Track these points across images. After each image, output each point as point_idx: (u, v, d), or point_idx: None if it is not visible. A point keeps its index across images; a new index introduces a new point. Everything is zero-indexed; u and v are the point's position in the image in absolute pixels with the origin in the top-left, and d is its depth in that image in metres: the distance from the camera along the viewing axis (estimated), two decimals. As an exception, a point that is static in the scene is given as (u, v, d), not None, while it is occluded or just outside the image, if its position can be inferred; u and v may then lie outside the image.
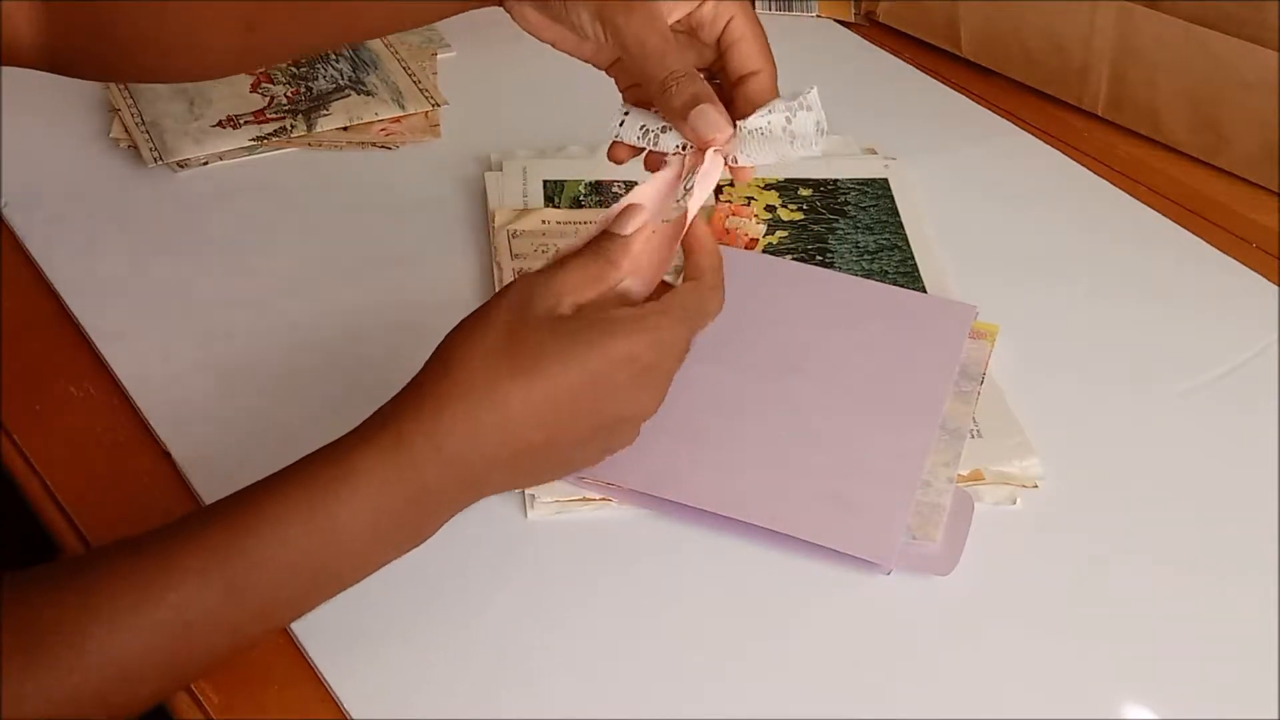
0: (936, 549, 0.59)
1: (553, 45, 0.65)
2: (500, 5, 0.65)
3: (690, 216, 0.57)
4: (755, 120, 0.58)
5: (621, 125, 0.61)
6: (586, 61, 0.65)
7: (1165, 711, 0.55)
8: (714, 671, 0.55)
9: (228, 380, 0.68)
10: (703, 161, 0.58)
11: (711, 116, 0.57)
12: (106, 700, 0.48)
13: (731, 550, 0.60)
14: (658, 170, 0.60)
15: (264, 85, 0.87)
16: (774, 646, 0.56)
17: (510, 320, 0.53)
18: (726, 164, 0.59)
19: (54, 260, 0.75)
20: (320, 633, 0.56)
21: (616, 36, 0.59)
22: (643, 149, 0.61)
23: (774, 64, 0.62)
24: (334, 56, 0.91)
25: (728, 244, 0.76)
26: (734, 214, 0.78)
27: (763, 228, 0.78)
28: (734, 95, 0.61)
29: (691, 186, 0.57)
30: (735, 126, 0.58)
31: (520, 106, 0.90)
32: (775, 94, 0.61)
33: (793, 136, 0.59)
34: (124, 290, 0.73)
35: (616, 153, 0.63)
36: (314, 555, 0.50)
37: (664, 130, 0.59)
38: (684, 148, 0.59)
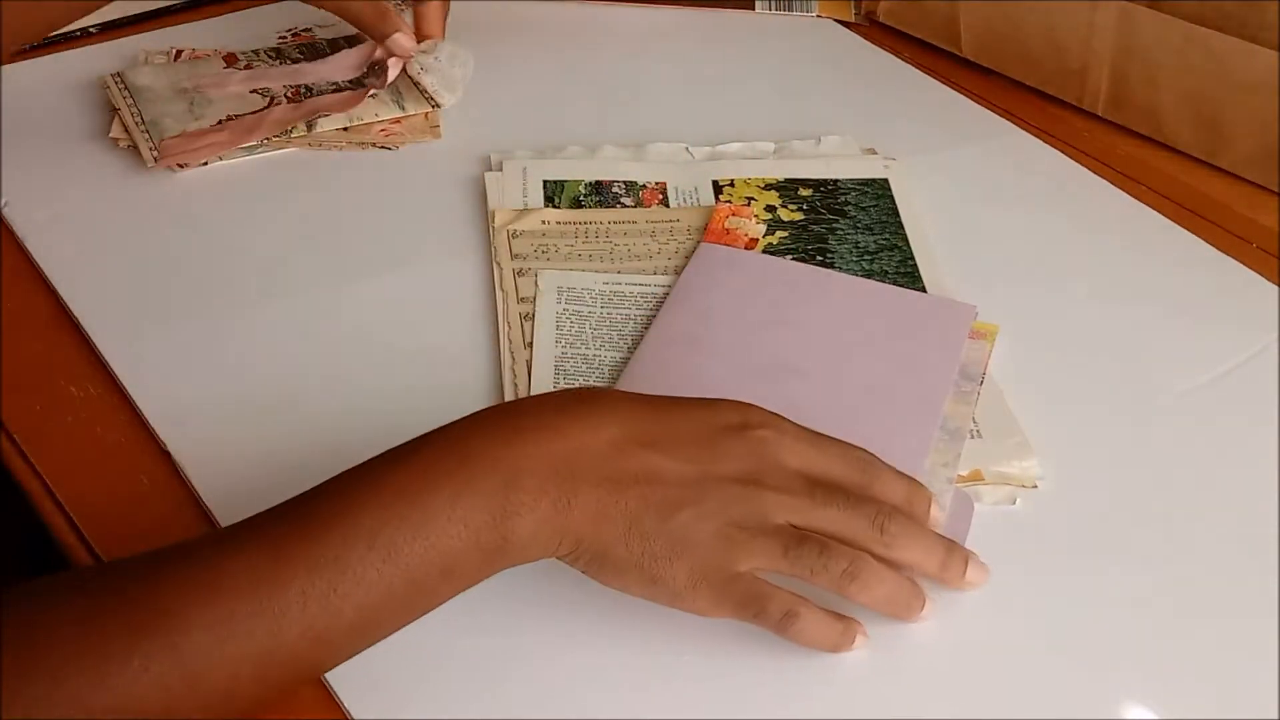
0: None
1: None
2: None
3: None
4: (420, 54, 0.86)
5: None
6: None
7: (1165, 711, 0.55)
8: (716, 671, 0.55)
9: (228, 380, 0.68)
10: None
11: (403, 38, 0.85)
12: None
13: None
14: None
15: (264, 86, 0.88)
16: (774, 645, 0.56)
17: None
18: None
19: (54, 260, 0.75)
20: (320, 633, 0.56)
21: None
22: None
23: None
24: (333, 51, 0.91)
25: (728, 244, 0.76)
26: (734, 214, 0.78)
27: (762, 228, 0.78)
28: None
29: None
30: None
31: (520, 107, 0.90)
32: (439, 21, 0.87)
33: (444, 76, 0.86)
34: (124, 290, 0.73)
35: None
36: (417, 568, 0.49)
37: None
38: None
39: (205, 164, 0.81)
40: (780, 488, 0.53)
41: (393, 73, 0.87)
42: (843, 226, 0.78)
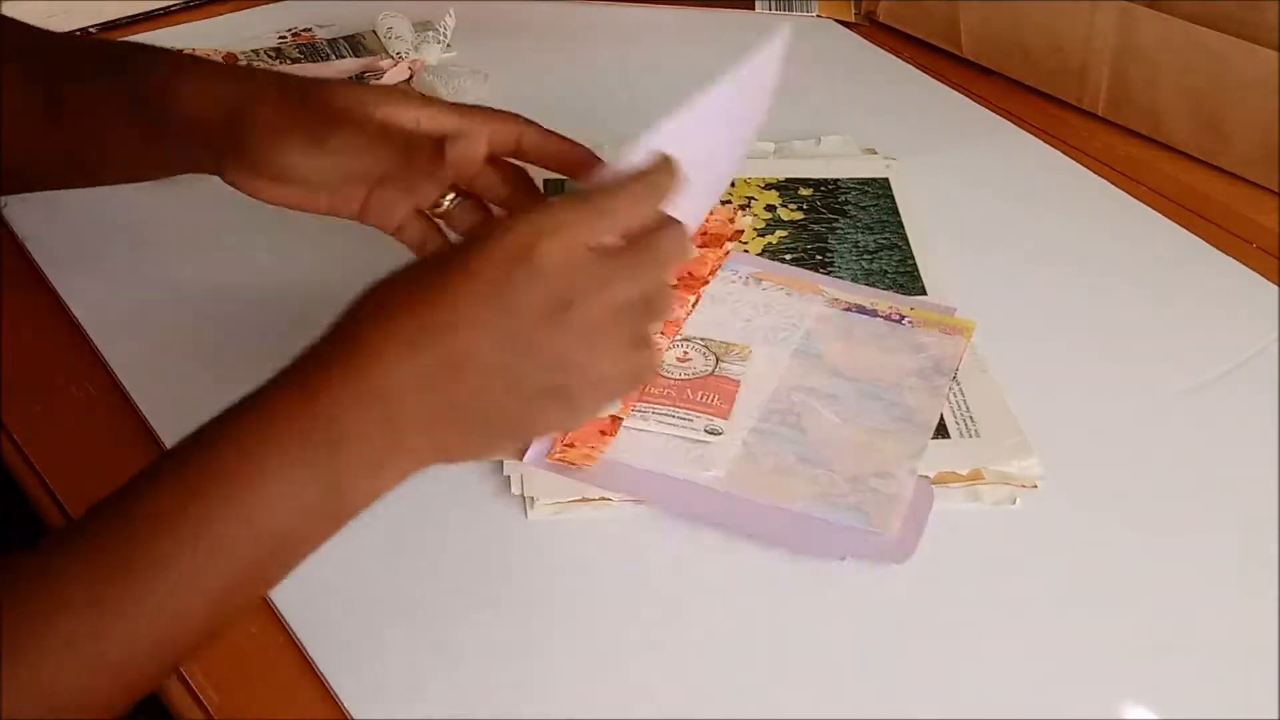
0: (893, 538, 0.59)
1: (294, 205, 0.65)
2: (219, 174, 0.65)
3: None
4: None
5: None
6: (332, 211, 0.66)
7: (1165, 711, 0.55)
8: (715, 670, 0.55)
9: (228, 380, 0.67)
10: None
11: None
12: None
13: (733, 549, 0.60)
14: None
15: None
16: (775, 645, 0.56)
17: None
18: None
19: (54, 260, 0.75)
20: (320, 633, 0.56)
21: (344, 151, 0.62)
22: None
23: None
24: (334, 56, 0.91)
25: (708, 245, 0.75)
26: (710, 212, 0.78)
27: (749, 219, 0.78)
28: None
29: None
30: None
31: (520, 107, 0.89)
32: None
33: None
34: (124, 290, 0.73)
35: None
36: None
37: None
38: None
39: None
40: (592, 288, 0.51)
41: (390, 78, 0.87)
42: (842, 226, 0.78)
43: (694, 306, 0.71)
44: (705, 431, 0.63)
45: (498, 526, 0.60)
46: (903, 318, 0.70)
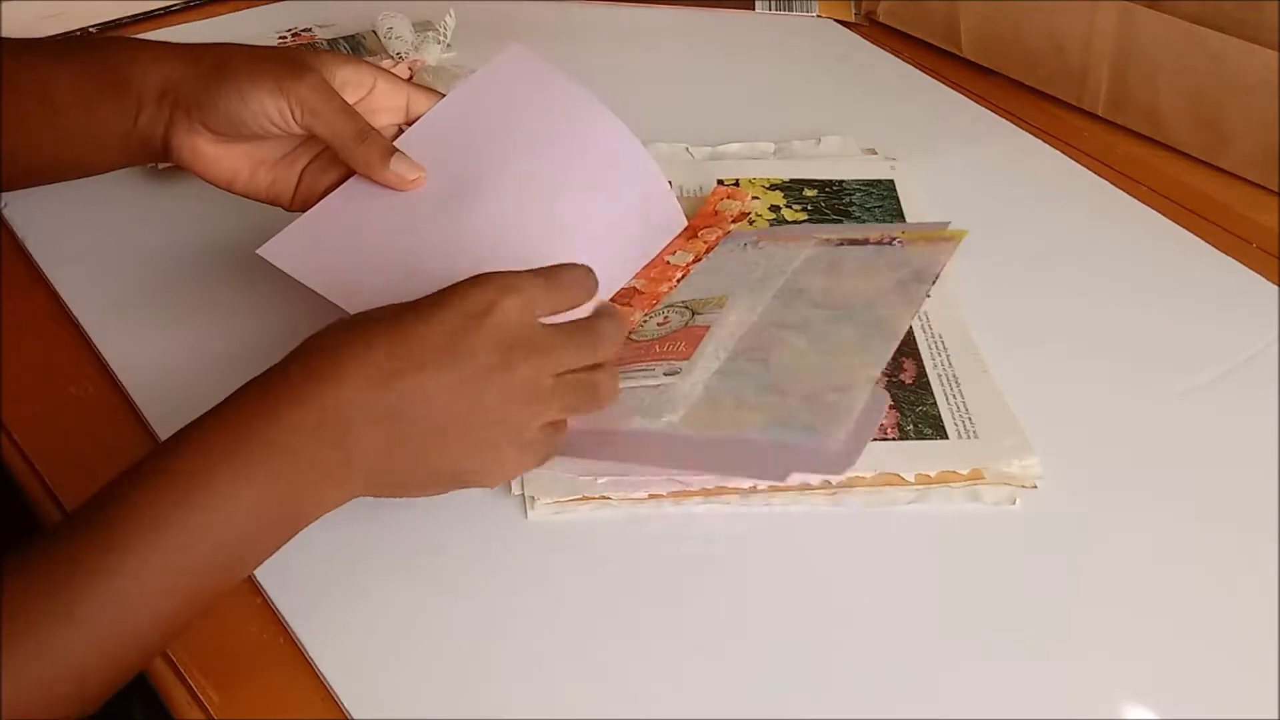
0: (835, 449, 0.58)
1: (225, 185, 0.69)
2: (165, 157, 0.69)
3: None
4: None
5: None
6: (256, 196, 0.70)
7: (1165, 711, 0.55)
8: (715, 671, 0.55)
9: (228, 381, 0.67)
10: None
11: (409, 162, 0.67)
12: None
13: (734, 549, 0.60)
14: None
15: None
16: (775, 645, 0.56)
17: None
18: None
19: (54, 260, 0.75)
20: (320, 632, 0.56)
21: (302, 104, 0.65)
22: None
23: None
24: (334, 56, 0.91)
25: (715, 225, 0.76)
26: (729, 196, 0.79)
27: (757, 202, 0.78)
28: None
29: None
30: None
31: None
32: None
33: None
34: (124, 290, 0.73)
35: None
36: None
37: None
38: None
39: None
40: (535, 351, 0.56)
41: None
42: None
43: (678, 283, 0.71)
44: (663, 375, 0.63)
45: (498, 526, 0.60)
46: (894, 240, 0.70)
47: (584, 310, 0.60)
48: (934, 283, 0.66)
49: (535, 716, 0.54)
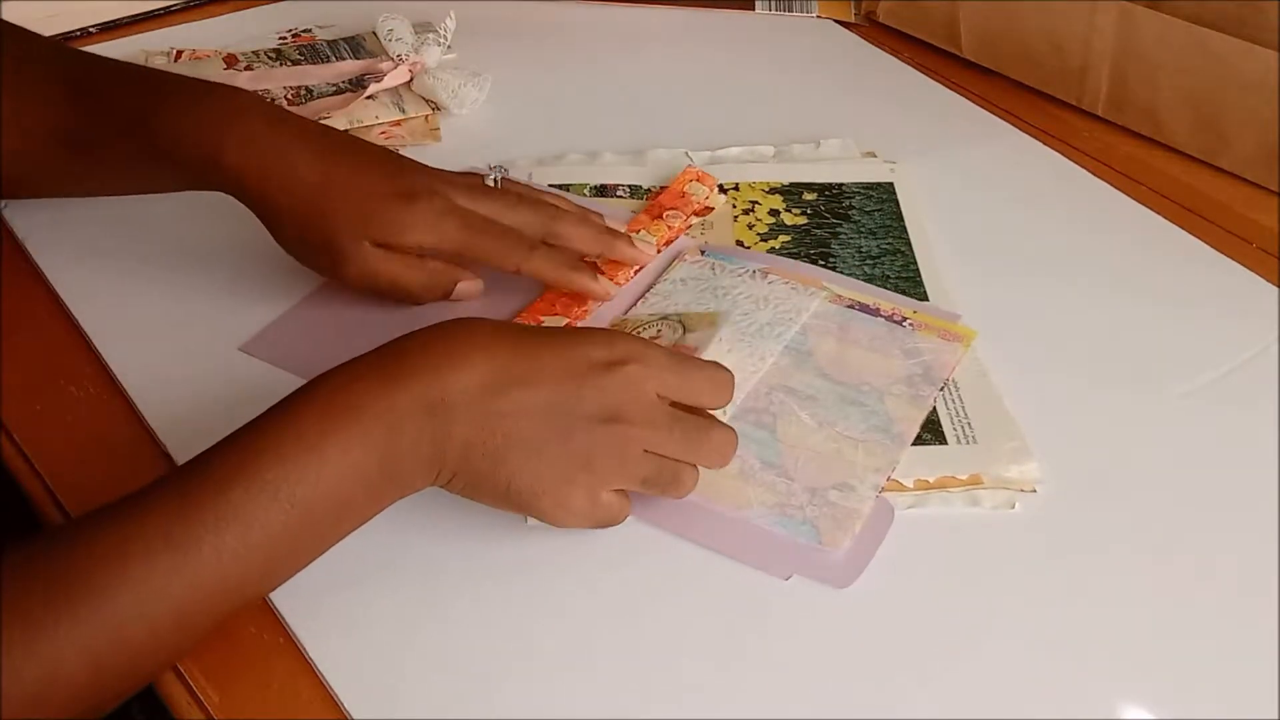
0: (839, 557, 0.59)
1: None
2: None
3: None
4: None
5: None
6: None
7: (1165, 711, 0.55)
8: (713, 671, 0.55)
9: (228, 381, 0.68)
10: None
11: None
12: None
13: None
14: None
15: (265, 87, 0.88)
16: (774, 648, 0.56)
17: None
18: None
19: (54, 260, 0.75)
20: (321, 633, 0.56)
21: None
22: None
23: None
24: (334, 58, 0.91)
25: (678, 209, 0.77)
26: (698, 179, 0.79)
27: (722, 197, 0.78)
28: None
29: None
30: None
31: (519, 108, 0.90)
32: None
33: None
34: (124, 290, 0.73)
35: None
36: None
37: None
38: None
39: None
40: (642, 421, 0.56)
41: (390, 81, 0.87)
42: (846, 231, 0.78)
43: (630, 279, 0.73)
44: None
45: (498, 527, 0.60)
46: (904, 320, 0.70)
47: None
48: (942, 388, 0.67)
49: (535, 717, 0.54)
